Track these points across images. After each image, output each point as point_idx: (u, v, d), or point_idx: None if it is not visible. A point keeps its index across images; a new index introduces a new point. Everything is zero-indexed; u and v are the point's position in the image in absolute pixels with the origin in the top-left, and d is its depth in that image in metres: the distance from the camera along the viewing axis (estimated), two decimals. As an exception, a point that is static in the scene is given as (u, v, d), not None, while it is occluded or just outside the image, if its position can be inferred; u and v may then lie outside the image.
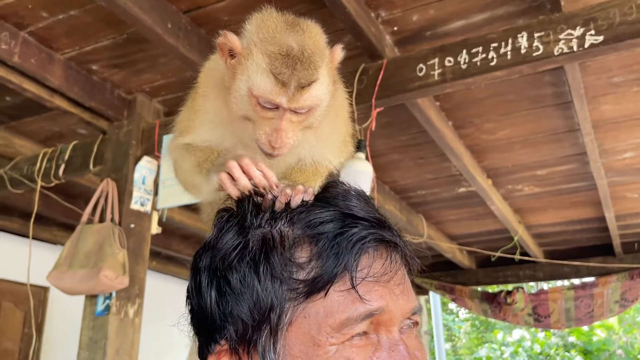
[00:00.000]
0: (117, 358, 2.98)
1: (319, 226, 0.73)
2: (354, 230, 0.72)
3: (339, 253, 0.70)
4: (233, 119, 1.14)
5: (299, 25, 1.09)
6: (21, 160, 3.85)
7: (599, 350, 11.47)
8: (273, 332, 0.71)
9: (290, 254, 0.73)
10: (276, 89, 1.02)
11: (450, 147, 3.55)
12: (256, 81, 1.03)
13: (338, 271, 0.69)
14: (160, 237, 4.69)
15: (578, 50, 2.31)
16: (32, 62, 2.86)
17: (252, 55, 1.05)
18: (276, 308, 0.71)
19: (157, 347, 6.14)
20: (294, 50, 1.03)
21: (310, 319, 0.70)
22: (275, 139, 1.03)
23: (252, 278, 0.73)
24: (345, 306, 0.69)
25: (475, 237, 5.90)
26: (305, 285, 0.70)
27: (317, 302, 0.70)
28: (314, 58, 1.05)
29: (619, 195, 4.62)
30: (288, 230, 0.76)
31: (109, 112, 3.32)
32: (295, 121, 1.05)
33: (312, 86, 1.04)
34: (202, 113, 1.19)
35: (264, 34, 1.06)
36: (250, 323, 0.72)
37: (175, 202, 3.15)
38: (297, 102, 1.03)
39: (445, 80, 2.57)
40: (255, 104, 1.04)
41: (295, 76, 1.02)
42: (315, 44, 1.08)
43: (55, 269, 3.01)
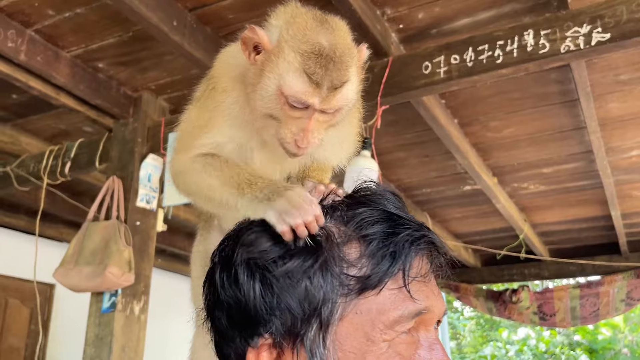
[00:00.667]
0: (123, 355, 2.99)
1: (370, 226, 0.74)
2: (407, 232, 0.74)
3: (395, 253, 0.72)
4: (254, 116, 1.10)
5: (328, 23, 1.06)
6: (27, 157, 3.86)
7: (604, 349, 11.44)
8: (324, 327, 0.71)
9: (340, 251, 0.74)
10: (309, 89, 0.99)
11: (456, 145, 3.55)
12: (288, 80, 0.99)
13: (394, 271, 0.72)
14: (166, 235, 4.70)
15: (585, 48, 2.30)
16: (38, 59, 2.87)
17: (283, 52, 1.01)
18: (328, 302, 0.71)
19: (163, 344, 6.17)
20: (326, 49, 1.00)
21: (362, 315, 0.71)
22: (302, 139, 1.01)
23: (301, 272, 0.73)
24: (398, 304, 0.71)
25: (481, 235, 5.89)
26: (358, 281, 0.71)
27: (369, 299, 0.71)
28: (345, 58, 1.02)
29: (625, 193, 4.61)
30: (332, 226, 0.77)
31: (114, 110, 3.33)
32: (322, 121, 1.03)
33: (344, 87, 1.02)
34: (225, 108, 1.13)
35: (294, 30, 1.03)
36: (299, 316, 0.72)
37: (181, 200, 3.15)
38: (329, 103, 1.01)
39: (451, 78, 2.56)
40: (283, 103, 1.01)
41: (329, 76, 0.99)
42: (345, 42, 1.06)
43: (61, 266, 3.03)
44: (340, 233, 0.76)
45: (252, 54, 1.07)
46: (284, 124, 1.02)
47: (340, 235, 0.75)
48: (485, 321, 14.04)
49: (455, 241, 5.86)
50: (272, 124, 1.05)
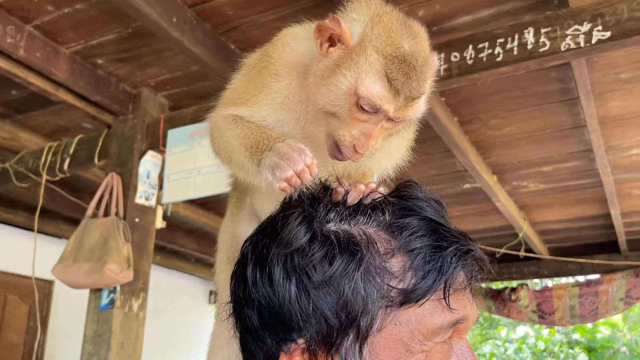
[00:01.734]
0: (121, 352, 2.99)
1: (417, 239, 0.73)
2: (455, 247, 0.73)
3: (442, 267, 0.71)
4: (306, 106, 1.04)
5: (411, 28, 1.00)
6: (26, 154, 3.86)
7: (603, 348, 11.45)
8: (361, 337, 0.69)
9: (383, 261, 0.72)
10: (387, 95, 0.93)
11: (456, 143, 3.54)
12: (367, 82, 0.93)
13: (439, 286, 0.70)
14: (165, 232, 4.70)
15: (585, 46, 2.30)
16: (37, 55, 2.86)
17: (366, 52, 0.94)
18: (368, 314, 0.69)
19: (161, 341, 6.17)
20: (409, 56, 0.94)
21: (401, 327, 0.70)
22: (362, 144, 0.95)
23: (339, 279, 0.70)
24: (437, 315, 0.70)
25: (480, 233, 5.89)
26: (401, 294, 0.70)
27: (409, 310, 0.70)
28: (425, 68, 0.97)
29: (624, 192, 4.60)
30: (374, 233, 0.74)
31: (114, 106, 3.33)
32: (385, 128, 0.98)
33: (420, 98, 0.97)
34: (271, 92, 1.06)
35: (380, 30, 0.96)
36: (336, 326, 0.69)
37: (180, 197, 3.16)
38: (402, 113, 0.96)
39: (451, 76, 2.56)
40: (353, 104, 0.95)
41: (408, 85, 0.94)
42: (426, 52, 0.99)
43: (60, 263, 3.02)
44: (384, 242, 0.73)
45: (325, 45, 0.99)
46: (346, 125, 0.96)
47: (383, 244, 0.73)
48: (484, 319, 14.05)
49: (454, 239, 5.85)
50: (330, 122, 0.99)
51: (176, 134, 3.19)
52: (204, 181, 3.04)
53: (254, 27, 2.77)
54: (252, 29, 2.78)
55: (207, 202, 4.92)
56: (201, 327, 6.83)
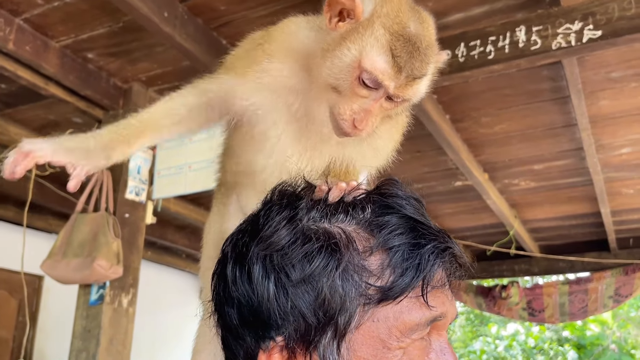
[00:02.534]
0: (111, 347, 2.98)
1: (396, 237, 0.73)
2: (433, 244, 0.74)
3: (419, 265, 0.72)
4: (304, 86, 1.05)
5: (419, 13, 1.04)
6: (16, 148, 3.82)
7: (592, 345, 11.52)
8: (339, 335, 0.70)
9: (362, 259, 0.72)
10: (390, 71, 0.95)
11: (447, 141, 3.55)
12: (371, 55, 0.95)
13: (417, 283, 0.71)
14: (156, 227, 4.68)
15: (576, 45, 2.30)
16: (27, 49, 2.84)
17: (373, 27, 0.97)
18: (346, 312, 0.70)
19: (151, 337, 6.16)
20: (415, 36, 0.98)
21: (379, 324, 0.71)
22: (361, 120, 0.97)
23: (319, 278, 0.71)
24: (415, 312, 0.71)
25: (471, 231, 5.90)
26: (379, 291, 0.70)
27: (386, 307, 0.71)
28: (429, 51, 1.00)
29: (615, 191, 4.63)
30: (353, 231, 0.74)
31: (104, 101, 3.30)
32: (384, 107, 1.00)
33: (421, 79, 1.00)
34: (259, 70, 1.09)
35: (388, 9, 0.99)
36: (314, 324, 0.70)
37: (171, 193, 3.15)
38: (402, 91, 0.98)
39: (442, 73, 2.54)
40: (355, 77, 0.97)
41: (411, 64, 0.96)
42: (431, 37, 1.03)
43: (49, 258, 3.01)
44: (362, 240, 0.74)
45: (335, 19, 1.02)
46: (347, 99, 0.98)
47: (362, 242, 0.73)
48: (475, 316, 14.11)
49: (445, 237, 5.87)
50: (331, 97, 1.01)
51: (167, 130, 3.17)
52: (195, 177, 3.03)
53: (246, 22, 2.76)
54: (244, 24, 2.77)
55: (198, 197, 4.91)
56: (192, 323, 6.82)
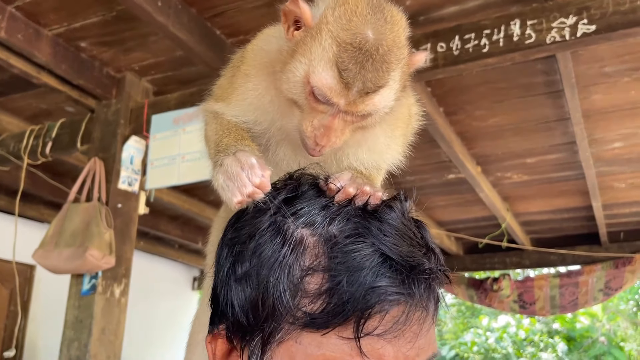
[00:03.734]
0: (103, 337, 2.98)
1: (342, 263, 0.66)
2: (380, 283, 0.65)
3: (350, 300, 0.64)
4: (277, 102, 0.99)
5: (382, 12, 0.91)
6: (7, 137, 3.80)
7: (582, 337, 11.62)
8: (263, 343, 0.68)
9: (301, 276, 0.67)
10: (337, 87, 0.86)
11: (441, 134, 3.55)
12: (317, 70, 0.87)
13: (345, 318, 0.63)
14: (149, 218, 4.67)
15: (570, 39, 2.31)
16: (19, 37, 2.81)
17: (321, 36, 0.87)
18: (271, 322, 0.67)
19: (144, 327, 6.16)
20: (368, 43, 0.86)
21: (299, 346, 0.66)
22: (322, 136, 0.89)
23: (256, 279, 0.69)
24: (342, 352, 0.64)
25: (463, 223, 5.92)
26: (306, 317, 0.65)
27: (312, 335, 0.65)
28: (388, 57, 0.88)
29: (606, 185, 4.65)
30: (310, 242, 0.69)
31: (97, 91, 3.29)
32: (348, 121, 0.91)
33: (378, 92, 0.88)
34: (242, 92, 1.03)
35: (340, 12, 0.88)
36: (244, 323, 0.70)
37: (164, 183, 3.14)
38: (355, 107, 0.88)
39: (437, 66, 2.56)
40: (309, 93, 0.89)
41: (362, 77, 0.86)
42: (395, 39, 0.90)
43: (41, 248, 3.00)
44: (314, 255, 0.68)
45: (292, 28, 0.94)
46: (306, 114, 0.91)
47: (312, 257, 0.68)
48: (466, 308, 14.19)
49: (438, 229, 5.89)
50: (296, 112, 0.94)
51: (160, 120, 3.16)
52: (188, 168, 3.02)
53: (240, 12, 2.74)
54: (238, 14, 2.76)
55: (191, 188, 4.90)
56: (184, 314, 6.83)
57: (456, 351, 12.31)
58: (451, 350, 12.28)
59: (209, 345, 0.75)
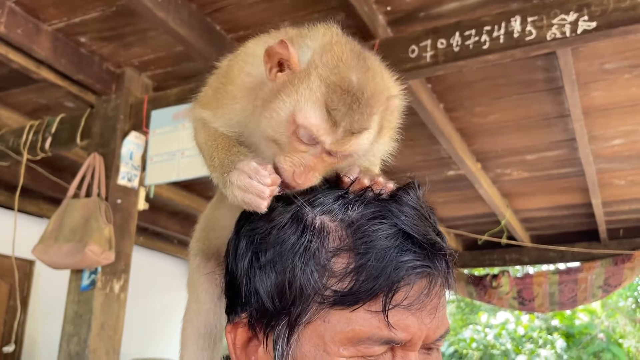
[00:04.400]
0: (102, 332, 2.98)
1: (367, 243, 0.71)
2: (405, 258, 0.71)
3: (379, 276, 0.69)
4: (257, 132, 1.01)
5: (364, 60, 0.95)
6: (7, 132, 3.80)
7: (581, 334, 11.64)
8: (290, 325, 0.72)
9: (328, 258, 0.72)
10: (325, 126, 0.89)
11: (441, 130, 3.55)
12: (305, 110, 0.90)
13: (375, 293, 0.69)
14: (148, 213, 4.67)
15: (571, 36, 2.30)
16: (18, 32, 2.81)
17: (309, 79, 0.91)
18: (299, 305, 0.71)
19: (143, 322, 6.16)
20: (355, 87, 0.91)
21: (328, 325, 0.70)
22: (300, 175, 0.91)
23: (281, 265, 0.73)
24: (370, 326, 0.69)
25: (463, 220, 5.93)
26: (335, 294, 0.70)
27: (341, 312, 0.70)
28: (372, 102, 0.92)
29: (606, 182, 4.65)
30: (333, 228, 0.74)
31: (97, 86, 3.28)
32: (327, 161, 0.94)
33: (362, 133, 0.92)
34: (228, 112, 1.06)
35: (328, 58, 0.92)
36: (270, 309, 0.73)
37: (164, 179, 3.13)
38: (340, 147, 0.91)
39: (437, 63, 2.55)
40: (292, 132, 0.92)
41: (349, 117, 0.90)
42: (376, 86, 0.95)
43: (40, 243, 3.00)
44: (337, 238, 0.73)
45: (274, 69, 0.96)
46: (286, 152, 0.93)
47: (335, 240, 0.73)
48: (465, 305, 14.21)
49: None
50: (273, 148, 0.96)
51: (160, 115, 3.16)
52: (187, 163, 3.02)
53: (240, 8, 2.74)
54: (238, 10, 2.75)
55: (190, 184, 4.90)
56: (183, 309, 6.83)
57: (455, 347, 12.32)
58: (450, 347, 12.29)
59: (229, 334, 0.79)
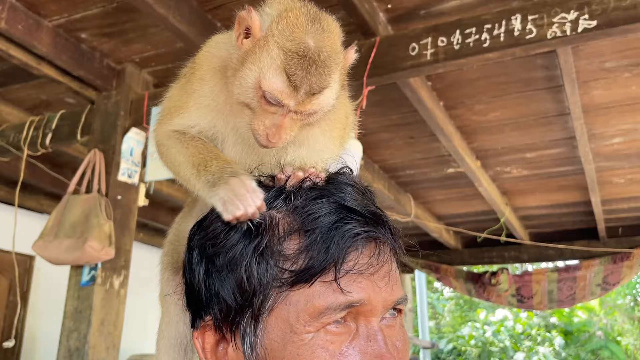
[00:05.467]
0: (102, 328, 2.99)
1: (315, 220, 0.75)
2: (348, 227, 0.75)
3: (329, 247, 0.73)
4: (230, 104, 1.09)
5: (319, 22, 1.03)
6: (7, 127, 3.80)
7: (579, 331, 11.67)
8: (254, 317, 0.75)
9: (279, 244, 0.75)
10: (287, 90, 0.98)
11: (441, 128, 3.55)
12: (267, 76, 0.98)
13: (327, 265, 0.73)
14: (148, 209, 4.68)
15: (571, 35, 2.30)
16: (19, 28, 2.81)
17: (268, 47, 0.99)
18: (259, 294, 0.74)
19: (142, 318, 6.17)
20: (311, 51, 0.98)
21: (290, 307, 0.73)
22: (273, 134, 1.00)
23: (237, 262, 0.76)
24: (326, 296, 0.72)
25: (462, 217, 5.94)
26: (292, 275, 0.73)
27: (300, 291, 0.73)
28: (329, 62, 1.00)
29: (605, 180, 4.66)
30: (281, 216, 0.78)
31: (97, 82, 3.28)
32: (296, 119, 1.03)
33: (322, 92, 1.01)
34: (198, 96, 1.13)
35: (284, 25, 1.00)
36: (233, 306, 0.76)
37: (164, 175, 3.14)
38: (304, 106, 1.00)
39: (437, 60, 2.55)
40: (260, 97, 1.00)
41: (308, 80, 0.98)
42: (333, 46, 1.02)
43: (40, 239, 3.00)
44: (286, 225, 0.77)
45: (242, 36, 1.05)
46: (257, 115, 1.02)
47: (284, 227, 0.77)
48: (464, 302, 14.23)
49: (437, 223, 5.90)
50: (247, 112, 1.05)
51: (160, 112, 3.15)
52: (187, 160, 3.02)
53: (241, 4, 2.72)
54: (239, 6, 2.74)
55: (190, 180, 4.89)
56: (183, 305, 6.83)
57: (454, 344, 12.35)
58: (449, 344, 12.32)
59: (197, 340, 0.82)
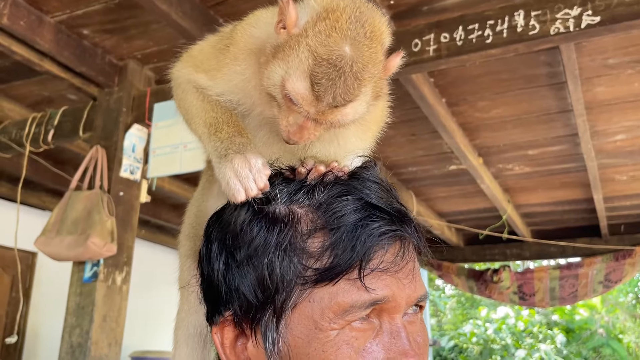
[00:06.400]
0: (104, 324, 2.99)
1: (341, 218, 0.74)
2: (375, 225, 0.74)
3: (354, 246, 0.72)
4: (259, 91, 1.03)
5: (362, 27, 0.92)
6: (9, 124, 3.80)
7: (581, 329, 11.67)
8: (277, 314, 0.74)
9: (303, 241, 0.74)
10: (309, 97, 0.91)
11: (443, 125, 3.55)
12: (292, 78, 0.91)
13: (352, 263, 0.72)
14: (150, 206, 4.69)
15: (574, 31, 2.30)
16: (21, 24, 2.81)
17: (300, 47, 0.91)
18: (282, 292, 0.73)
19: (145, 315, 6.18)
20: (344, 60, 0.90)
21: (314, 304, 0.73)
22: (295, 133, 0.94)
23: (258, 258, 0.75)
24: (351, 294, 0.72)
25: (464, 214, 5.93)
26: (316, 273, 0.73)
27: (324, 289, 0.73)
28: (361, 74, 0.91)
29: (608, 177, 4.65)
30: (303, 213, 0.77)
31: (99, 78, 3.28)
32: (319, 124, 0.96)
33: (346, 105, 0.93)
34: (228, 73, 1.06)
35: (321, 28, 0.91)
36: (254, 302, 0.75)
37: (166, 172, 3.14)
38: (324, 117, 0.93)
39: (440, 57, 2.55)
40: (284, 95, 0.94)
41: (332, 91, 0.90)
42: (372, 55, 0.93)
43: (42, 235, 3.00)
44: (309, 221, 0.76)
45: (281, 24, 0.97)
46: (283, 110, 0.96)
47: (307, 223, 0.76)
48: (465, 299, 14.23)
49: (439, 220, 5.90)
50: (274, 104, 0.99)
51: (162, 108, 3.16)
52: (190, 156, 3.02)
53: (243, 0, 2.74)
54: (241, 2, 2.75)
55: (192, 177, 4.90)
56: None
57: (455, 342, 12.35)
58: (450, 341, 12.33)
59: (216, 335, 0.80)
